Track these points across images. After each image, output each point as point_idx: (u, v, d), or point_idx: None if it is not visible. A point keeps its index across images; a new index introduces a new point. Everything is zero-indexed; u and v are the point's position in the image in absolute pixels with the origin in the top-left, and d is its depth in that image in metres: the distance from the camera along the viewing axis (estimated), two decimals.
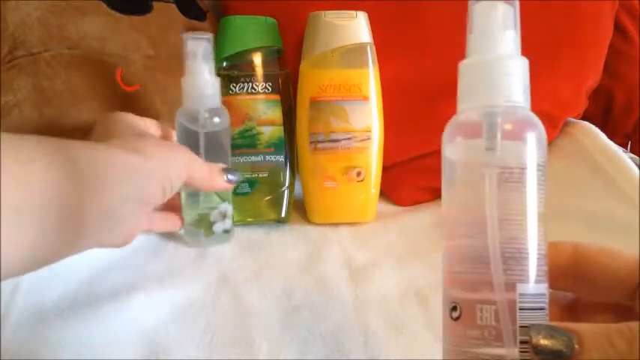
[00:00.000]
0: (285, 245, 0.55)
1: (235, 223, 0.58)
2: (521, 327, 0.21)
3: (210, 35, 0.49)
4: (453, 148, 0.23)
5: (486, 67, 0.23)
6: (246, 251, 0.54)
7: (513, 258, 0.21)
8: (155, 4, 0.63)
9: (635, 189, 0.52)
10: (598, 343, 0.20)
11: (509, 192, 0.22)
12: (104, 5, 0.60)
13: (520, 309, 0.21)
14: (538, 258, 0.22)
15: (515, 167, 0.22)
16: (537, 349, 0.20)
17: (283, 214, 0.60)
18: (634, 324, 0.20)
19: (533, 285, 0.22)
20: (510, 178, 0.22)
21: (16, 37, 0.55)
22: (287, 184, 0.61)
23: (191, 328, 0.42)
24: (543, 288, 0.22)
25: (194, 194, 0.52)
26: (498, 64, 0.23)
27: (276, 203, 0.60)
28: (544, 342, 0.20)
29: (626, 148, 0.73)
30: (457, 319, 0.22)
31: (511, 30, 0.23)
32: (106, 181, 0.33)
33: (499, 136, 0.22)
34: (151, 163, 0.37)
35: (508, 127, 0.22)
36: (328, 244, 0.55)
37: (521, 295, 0.21)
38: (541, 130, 0.23)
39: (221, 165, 0.48)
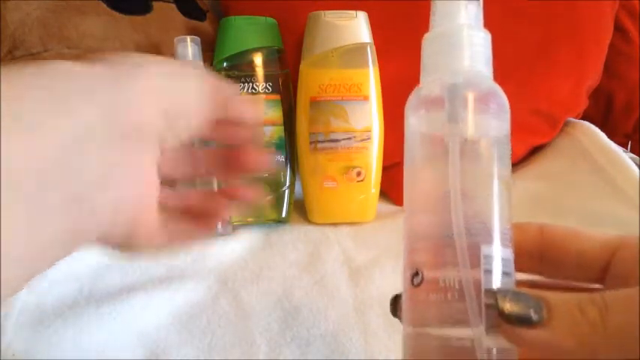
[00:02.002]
0: (285, 245, 0.55)
1: (235, 224, 0.58)
2: (486, 291, 0.20)
3: (197, 38, 0.56)
4: (415, 121, 0.23)
5: (448, 38, 0.23)
6: (246, 251, 0.54)
7: (478, 223, 0.21)
8: (155, 4, 0.63)
9: (635, 189, 0.52)
10: (568, 311, 0.19)
11: (474, 162, 0.22)
12: (104, 5, 0.60)
13: (485, 271, 0.21)
14: (501, 224, 0.21)
15: (478, 137, 0.22)
16: (503, 314, 0.20)
17: (284, 214, 0.60)
18: (608, 293, 0.19)
19: (498, 248, 0.21)
20: (474, 148, 0.22)
21: (16, 36, 0.55)
22: (287, 184, 0.61)
23: (191, 328, 0.42)
24: (509, 253, 0.22)
25: (189, 187, 0.54)
26: (460, 34, 0.23)
27: (277, 203, 0.60)
28: (511, 306, 0.20)
29: (626, 148, 0.73)
30: (419, 284, 0.22)
31: (473, 3, 0.23)
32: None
33: (462, 107, 0.22)
34: (125, 69, 0.23)
35: (471, 97, 0.22)
36: (328, 244, 0.55)
37: (485, 256, 0.21)
38: (504, 99, 0.23)
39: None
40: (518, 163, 0.66)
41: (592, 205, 0.53)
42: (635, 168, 0.54)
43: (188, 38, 0.56)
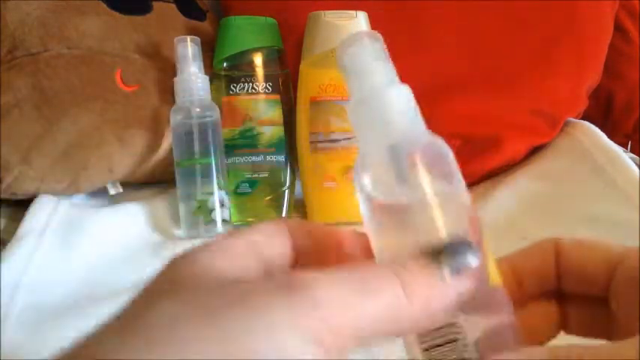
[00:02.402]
0: None
1: (236, 223, 0.58)
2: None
3: (197, 39, 0.57)
4: (368, 189, 0.23)
5: (370, 103, 0.22)
6: None
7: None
8: (155, 4, 0.63)
9: (635, 189, 0.51)
10: None
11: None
12: (104, 5, 0.60)
13: None
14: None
15: (432, 191, 0.22)
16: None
17: (284, 214, 0.60)
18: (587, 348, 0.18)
19: None
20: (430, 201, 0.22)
21: (16, 36, 0.55)
22: (287, 184, 0.61)
23: None
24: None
25: (190, 183, 0.54)
26: (381, 96, 0.22)
27: (277, 203, 0.60)
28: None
29: (626, 148, 0.72)
30: None
31: (383, 60, 0.23)
32: None
33: (407, 165, 0.22)
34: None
35: (413, 154, 0.22)
36: None
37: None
38: (445, 148, 0.23)
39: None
40: (518, 163, 0.66)
41: (592, 206, 0.53)
42: (635, 168, 0.54)
43: (188, 38, 0.56)
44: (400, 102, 0.22)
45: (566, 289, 0.23)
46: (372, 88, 0.22)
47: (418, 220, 0.21)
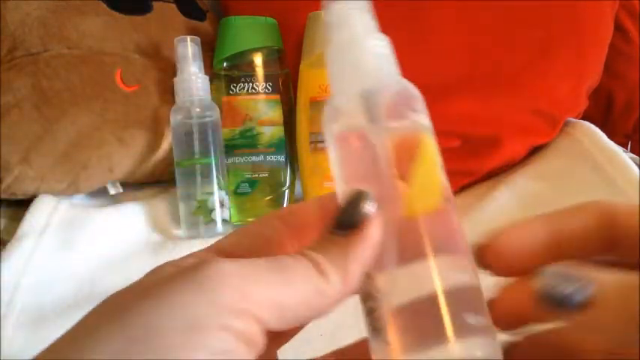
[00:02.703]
0: None
1: (235, 223, 0.58)
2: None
3: (197, 39, 0.57)
4: (336, 134, 0.22)
5: (349, 47, 0.23)
6: None
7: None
8: (155, 4, 0.63)
9: (635, 189, 0.51)
10: (622, 294, 0.17)
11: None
12: (104, 5, 0.60)
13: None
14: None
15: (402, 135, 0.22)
16: (541, 294, 0.18)
17: None
18: None
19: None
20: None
21: (16, 37, 0.55)
22: (287, 184, 0.61)
23: None
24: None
25: (190, 183, 0.54)
26: (360, 41, 0.23)
27: (277, 203, 0.60)
28: (550, 284, 0.18)
29: (626, 148, 0.72)
30: None
31: (364, 10, 0.23)
32: None
33: (379, 109, 0.22)
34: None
35: (386, 99, 0.22)
36: None
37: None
38: (418, 95, 0.23)
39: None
40: (518, 163, 0.66)
41: None
42: (635, 168, 0.54)
43: (188, 38, 0.56)
44: (377, 50, 0.23)
45: (619, 258, 0.21)
46: (351, 36, 0.23)
47: (380, 169, 0.21)
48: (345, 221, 0.20)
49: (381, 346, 0.20)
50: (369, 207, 0.20)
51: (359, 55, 0.22)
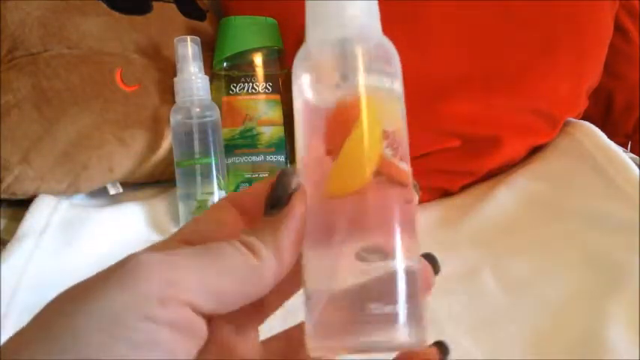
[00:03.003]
0: None
1: None
2: None
3: (197, 39, 0.57)
4: (306, 82, 0.22)
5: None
6: None
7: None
8: (155, 4, 0.63)
9: (635, 189, 0.51)
10: None
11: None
12: (104, 5, 0.60)
13: None
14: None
15: (371, 92, 0.21)
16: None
17: None
18: None
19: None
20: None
21: (16, 37, 0.55)
22: None
23: None
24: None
25: (190, 183, 0.54)
26: None
27: None
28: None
29: (626, 148, 0.72)
30: None
31: None
32: None
33: (353, 62, 0.21)
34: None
35: (361, 51, 0.21)
36: None
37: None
38: (394, 52, 0.22)
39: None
40: (518, 163, 0.66)
41: (592, 206, 0.53)
42: (635, 168, 0.54)
43: (188, 38, 0.56)
44: (365, 3, 0.22)
45: None
46: None
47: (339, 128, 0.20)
48: (274, 200, 0.20)
49: (306, 325, 0.20)
50: (294, 184, 0.20)
51: (340, 3, 0.22)
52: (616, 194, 0.53)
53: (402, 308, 0.19)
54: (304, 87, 0.22)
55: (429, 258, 0.23)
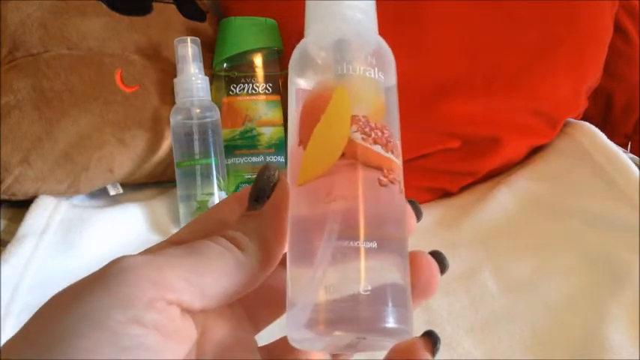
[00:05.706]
0: None
1: None
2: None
3: (197, 39, 0.57)
4: (303, 82, 0.22)
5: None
6: None
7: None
8: (155, 5, 0.63)
9: (635, 189, 0.51)
10: None
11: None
12: (104, 6, 0.60)
13: None
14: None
15: (367, 92, 0.21)
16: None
17: None
18: None
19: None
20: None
21: (16, 37, 0.55)
22: None
23: None
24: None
25: (190, 184, 0.54)
26: None
27: None
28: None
29: (626, 148, 0.72)
30: None
31: None
32: None
33: (349, 62, 0.21)
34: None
35: (358, 52, 0.22)
36: None
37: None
38: (390, 54, 0.23)
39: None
40: (518, 164, 0.66)
41: (592, 206, 0.53)
42: (635, 168, 0.54)
43: (188, 39, 0.57)
44: (359, 2, 0.22)
45: None
46: None
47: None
48: (256, 194, 0.21)
49: (287, 311, 0.20)
50: (275, 177, 0.21)
51: (341, 3, 0.22)
52: (616, 194, 0.53)
53: (378, 292, 0.19)
54: (291, 81, 0.22)
55: (437, 255, 0.23)
